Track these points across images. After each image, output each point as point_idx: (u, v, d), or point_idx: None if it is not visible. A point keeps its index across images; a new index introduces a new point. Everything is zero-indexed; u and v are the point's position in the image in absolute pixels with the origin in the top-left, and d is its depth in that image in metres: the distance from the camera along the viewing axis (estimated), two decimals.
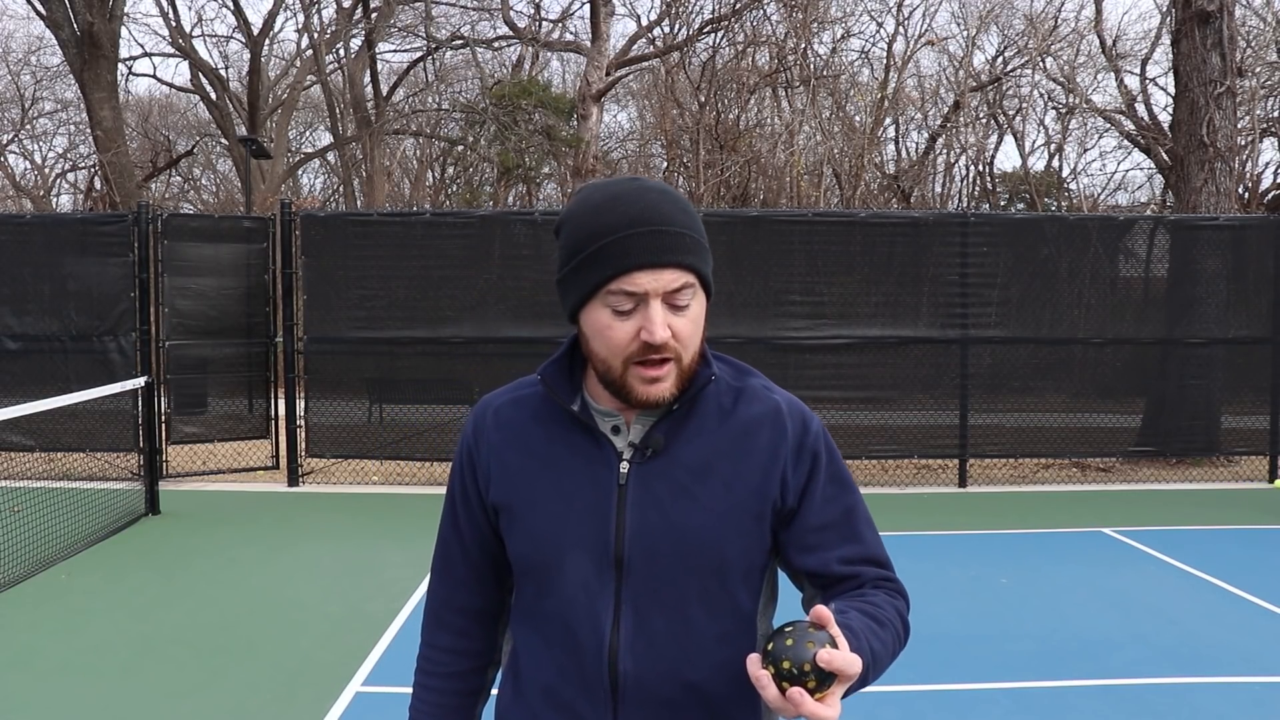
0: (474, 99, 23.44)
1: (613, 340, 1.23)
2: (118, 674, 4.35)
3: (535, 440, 1.32)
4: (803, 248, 9.13)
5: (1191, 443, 9.68)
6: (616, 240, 1.21)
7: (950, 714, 3.96)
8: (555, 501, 1.28)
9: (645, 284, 1.20)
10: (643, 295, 1.20)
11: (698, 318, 1.26)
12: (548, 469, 1.30)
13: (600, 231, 1.22)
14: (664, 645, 1.25)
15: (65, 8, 15.55)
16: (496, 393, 1.42)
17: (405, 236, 9.16)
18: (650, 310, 1.20)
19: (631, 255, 1.20)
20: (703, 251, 1.26)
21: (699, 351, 1.28)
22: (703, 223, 1.30)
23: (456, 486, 1.39)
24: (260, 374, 9.40)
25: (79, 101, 21.18)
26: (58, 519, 6.60)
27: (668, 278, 1.21)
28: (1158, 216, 11.65)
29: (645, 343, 1.21)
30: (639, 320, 1.21)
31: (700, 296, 1.26)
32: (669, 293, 1.21)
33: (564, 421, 1.31)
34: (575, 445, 1.30)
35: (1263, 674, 4.33)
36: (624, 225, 1.21)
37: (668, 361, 1.23)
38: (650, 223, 1.22)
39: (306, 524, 7.53)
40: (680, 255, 1.22)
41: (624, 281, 1.20)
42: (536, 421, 1.33)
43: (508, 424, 1.35)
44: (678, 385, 1.25)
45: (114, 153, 16.16)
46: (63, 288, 8.99)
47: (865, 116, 21.62)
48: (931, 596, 5.49)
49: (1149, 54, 20.44)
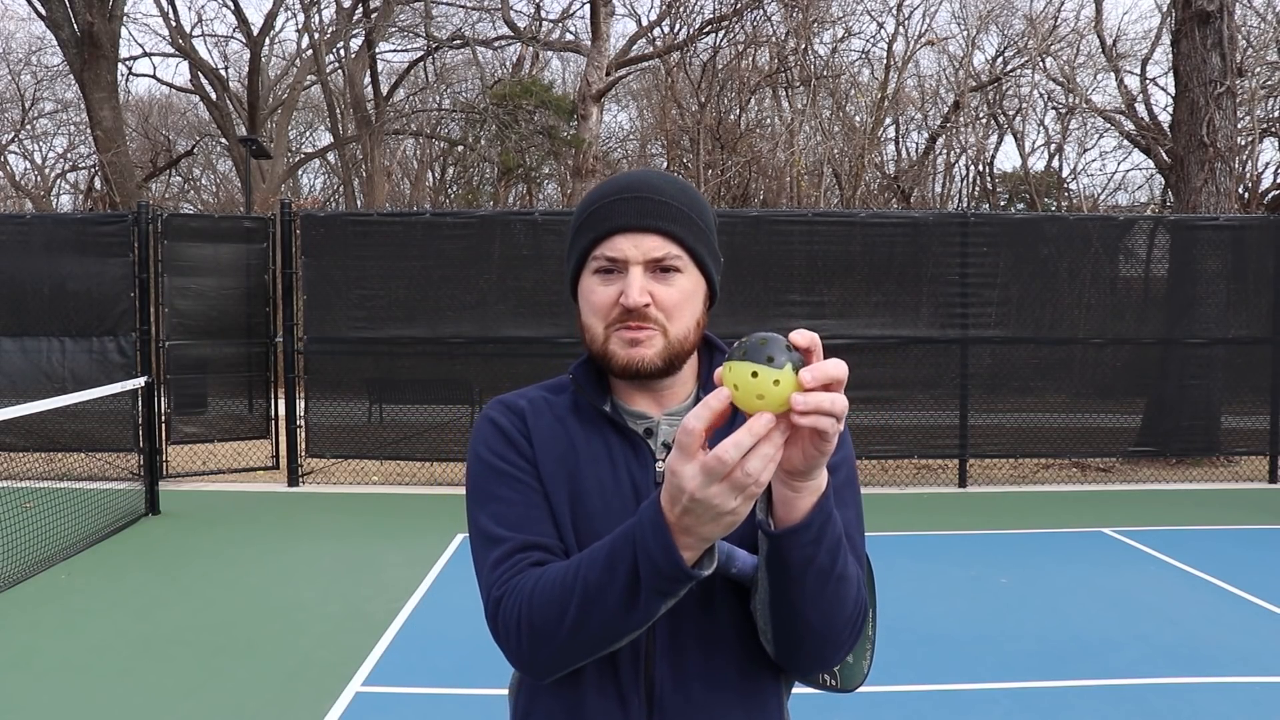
0: (474, 99, 23.45)
1: (595, 303, 1.23)
2: (118, 674, 4.35)
3: (575, 435, 1.28)
4: (803, 248, 9.13)
5: (1191, 443, 9.69)
6: (603, 205, 1.23)
7: (950, 714, 3.96)
8: (596, 497, 1.24)
9: (625, 249, 1.21)
10: (624, 261, 1.21)
11: (687, 291, 1.24)
12: (589, 464, 1.26)
13: (591, 200, 1.26)
14: (699, 649, 1.22)
15: (65, 8, 15.55)
16: (516, 392, 1.36)
17: (405, 237, 9.16)
18: (630, 275, 1.20)
19: (613, 218, 1.22)
20: (695, 228, 1.24)
21: (695, 334, 1.26)
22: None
23: (506, 464, 1.26)
24: (260, 374, 9.40)
25: (79, 102, 21.18)
26: (58, 519, 6.59)
27: (649, 244, 1.21)
28: (1158, 217, 11.66)
29: (624, 306, 1.20)
30: (620, 286, 1.21)
31: (693, 273, 1.25)
32: (652, 260, 1.21)
33: (597, 421, 1.29)
34: (611, 444, 1.27)
35: (1262, 674, 4.32)
36: (612, 192, 1.24)
37: (649, 329, 1.22)
38: (636, 190, 1.23)
39: (306, 524, 7.52)
40: (663, 221, 1.21)
41: (606, 246, 1.22)
42: (571, 418, 1.30)
43: (544, 415, 1.31)
44: (664, 356, 1.23)
45: (114, 153, 16.16)
46: (63, 288, 8.99)
47: (865, 116, 21.63)
48: (931, 596, 5.49)
49: (1149, 54, 20.46)
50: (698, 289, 1.26)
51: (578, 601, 1.10)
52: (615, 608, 1.08)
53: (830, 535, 1.09)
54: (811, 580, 1.09)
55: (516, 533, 1.21)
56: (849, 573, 1.14)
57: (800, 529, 1.06)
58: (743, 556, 1.20)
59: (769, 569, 1.11)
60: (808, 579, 1.09)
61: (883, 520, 7.31)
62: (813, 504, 1.06)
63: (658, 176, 1.26)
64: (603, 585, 1.08)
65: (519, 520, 1.22)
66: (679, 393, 1.31)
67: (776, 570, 1.10)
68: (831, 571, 1.10)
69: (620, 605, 1.08)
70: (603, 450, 1.27)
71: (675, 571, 1.03)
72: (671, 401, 1.31)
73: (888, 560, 6.31)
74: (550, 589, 1.13)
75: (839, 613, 1.14)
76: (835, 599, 1.12)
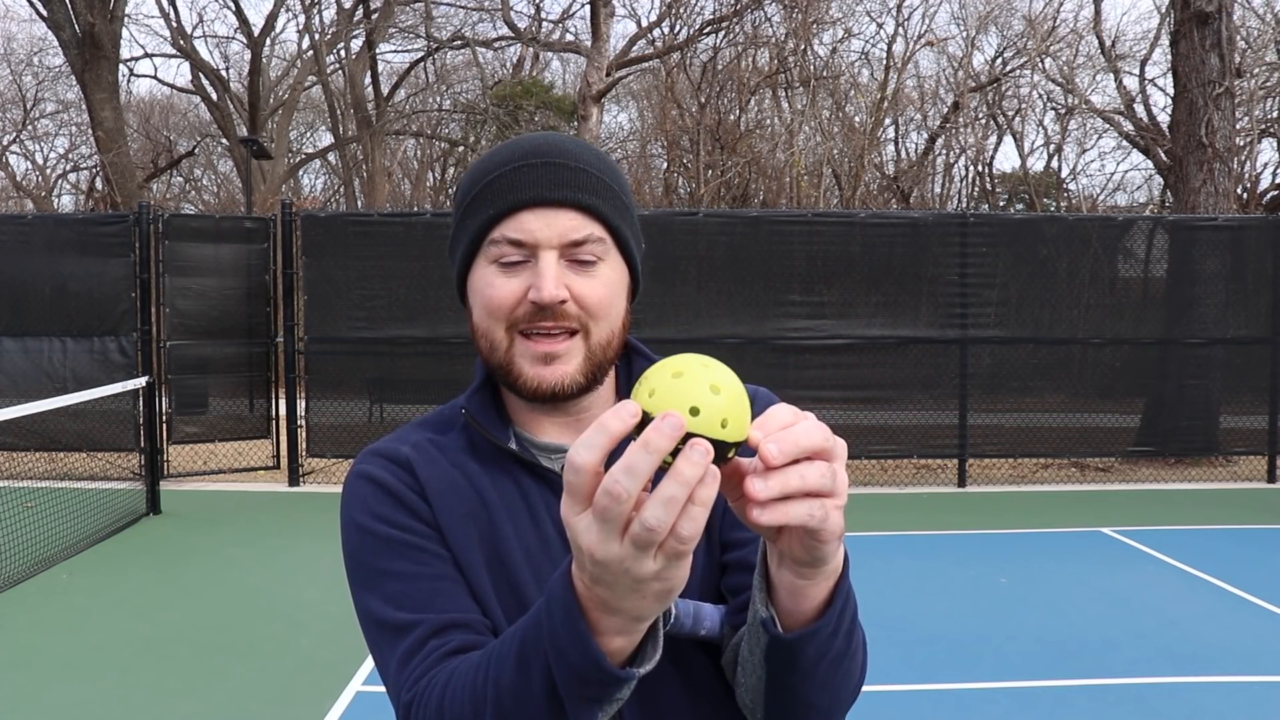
0: (475, 99, 23.46)
1: (493, 300, 0.96)
2: (118, 674, 4.36)
3: (479, 482, 1.00)
4: (803, 248, 9.14)
5: (1190, 443, 9.69)
6: (502, 173, 0.96)
7: (950, 714, 3.97)
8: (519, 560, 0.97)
9: (535, 228, 0.94)
10: (532, 245, 0.95)
11: (612, 284, 0.98)
12: (503, 519, 0.98)
13: (485, 169, 0.99)
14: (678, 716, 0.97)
15: (66, 9, 15.57)
16: (392, 436, 1.06)
17: (406, 237, 9.17)
18: (541, 263, 0.94)
19: (518, 189, 0.95)
20: (618, 203, 0.99)
21: (620, 337, 1.00)
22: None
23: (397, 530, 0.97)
24: (261, 374, 9.42)
25: (80, 102, 21.18)
26: (59, 519, 6.60)
27: (565, 223, 0.95)
28: (1156, 217, 11.67)
29: (533, 303, 0.94)
30: (528, 278, 0.95)
31: (616, 261, 0.99)
32: (568, 245, 0.95)
33: (502, 462, 1.01)
34: (526, 489, 1.00)
35: (1261, 673, 4.33)
36: (514, 158, 0.97)
37: (566, 334, 0.96)
38: (546, 155, 0.97)
39: (307, 524, 7.53)
40: (581, 194, 0.96)
41: (508, 225, 0.95)
42: (471, 461, 1.01)
43: (436, 462, 1.01)
44: (586, 371, 0.97)
45: (115, 153, 16.19)
46: (64, 288, 9.00)
47: (865, 117, 21.63)
48: (931, 596, 5.50)
49: (1148, 55, 20.45)
50: (622, 280, 1.00)
51: (491, 716, 0.82)
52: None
53: (848, 616, 0.84)
54: (824, 670, 0.85)
55: (425, 613, 0.92)
56: (859, 639, 0.89)
57: (817, 630, 0.81)
58: (709, 612, 0.95)
59: (769, 663, 0.85)
60: (819, 671, 0.84)
61: (882, 520, 7.32)
62: (829, 591, 0.80)
63: (568, 139, 1.00)
64: (517, 692, 0.80)
65: (426, 598, 0.93)
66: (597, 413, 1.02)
67: (780, 666, 0.84)
68: (846, 652, 0.86)
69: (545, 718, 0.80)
70: (517, 499, 0.99)
71: (597, 673, 0.74)
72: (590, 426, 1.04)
73: (887, 560, 6.33)
74: (460, 696, 0.85)
75: (848, 687, 0.90)
76: (847, 676, 0.88)
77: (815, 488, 0.68)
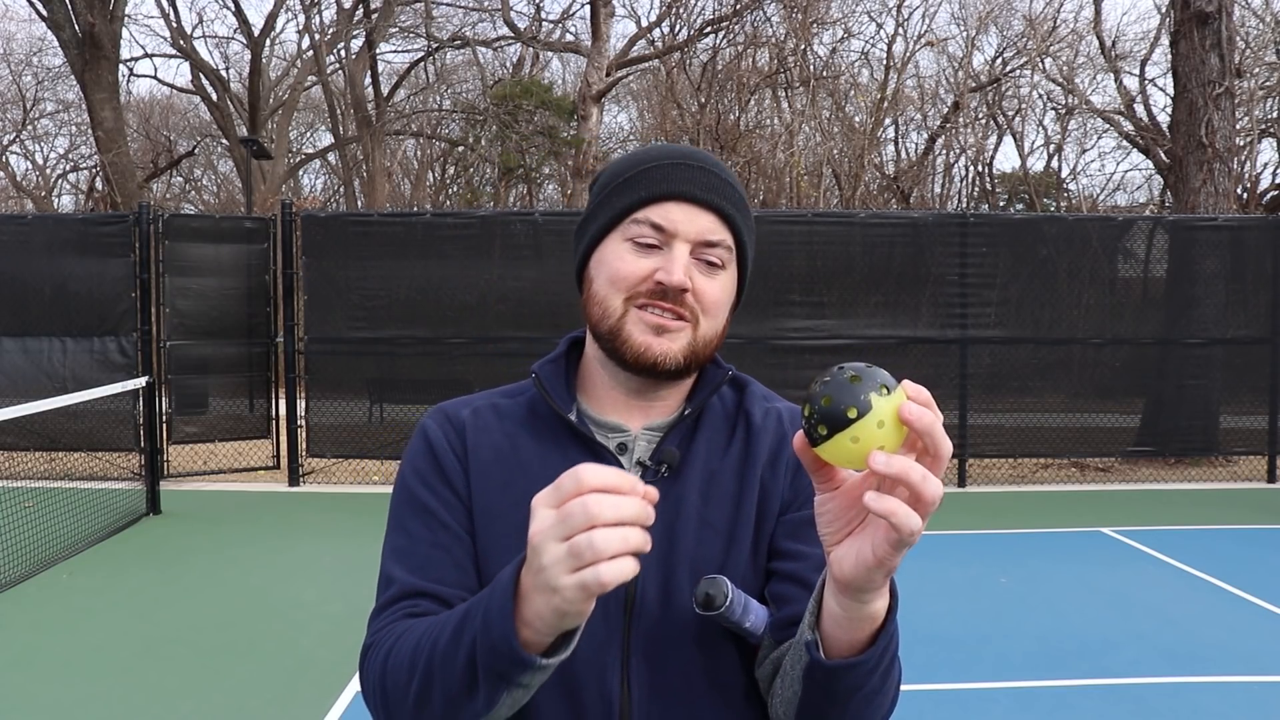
0: (475, 99, 23.47)
1: (620, 270, 1.03)
2: (118, 674, 4.36)
3: (525, 452, 1.06)
4: (803, 248, 9.15)
5: (1190, 443, 9.70)
6: (659, 166, 1.04)
7: (950, 714, 3.97)
8: None
9: (678, 219, 1.02)
10: (671, 234, 1.02)
11: (728, 290, 1.06)
12: (540, 488, 1.00)
13: (640, 160, 1.06)
14: (682, 702, 1.01)
15: (66, 9, 15.56)
16: (465, 398, 1.15)
17: (406, 237, 9.18)
18: (675, 250, 1.02)
19: (671, 182, 1.03)
20: (749, 223, 1.08)
21: (719, 340, 1.07)
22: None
23: (425, 491, 1.05)
24: (261, 374, 9.42)
25: (80, 102, 21.18)
26: (59, 519, 6.60)
27: (705, 223, 1.03)
28: (1156, 217, 11.67)
29: (659, 283, 1.01)
30: (659, 260, 1.02)
31: (733, 274, 1.07)
32: (702, 244, 1.03)
33: (558, 433, 1.07)
34: (573, 461, 0.98)
35: (1261, 673, 4.33)
36: (670, 155, 1.05)
37: (681, 318, 1.03)
38: (700, 161, 1.05)
39: (307, 524, 7.53)
40: (725, 203, 1.04)
41: (654, 210, 1.02)
42: (524, 432, 1.08)
43: (489, 430, 1.08)
44: (686, 355, 1.03)
45: (115, 153, 16.18)
46: (64, 288, 9.01)
47: (865, 117, 21.63)
48: (931, 596, 5.50)
49: (1148, 55, 20.46)
50: (733, 292, 1.09)
51: (422, 672, 0.89)
52: (457, 688, 0.86)
53: (887, 658, 0.89)
54: (856, 702, 0.90)
55: (410, 575, 1.01)
56: (895, 679, 0.94)
57: (857, 664, 0.86)
58: (757, 609, 1.00)
59: (805, 682, 0.90)
60: (852, 702, 0.90)
61: None
62: (873, 632, 0.86)
63: (713, 158, 1.08)
64: (447, 656, 0.87)
65: (420, 562, 1.02)
66: (669, 404, 1.10)
67: (815, 688, 0.89)
68: (880, 690, 0.91)
69: (461, 685, 0.86)
70: (561, 469, 0.98)
71: (507, 651, 0.80)
72: (657, 414, 1.09)
73: None
74: (404, 649, 0.93)
75: (878, 716, 0.95)
76: (876, 710, 0.93)
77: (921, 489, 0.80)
